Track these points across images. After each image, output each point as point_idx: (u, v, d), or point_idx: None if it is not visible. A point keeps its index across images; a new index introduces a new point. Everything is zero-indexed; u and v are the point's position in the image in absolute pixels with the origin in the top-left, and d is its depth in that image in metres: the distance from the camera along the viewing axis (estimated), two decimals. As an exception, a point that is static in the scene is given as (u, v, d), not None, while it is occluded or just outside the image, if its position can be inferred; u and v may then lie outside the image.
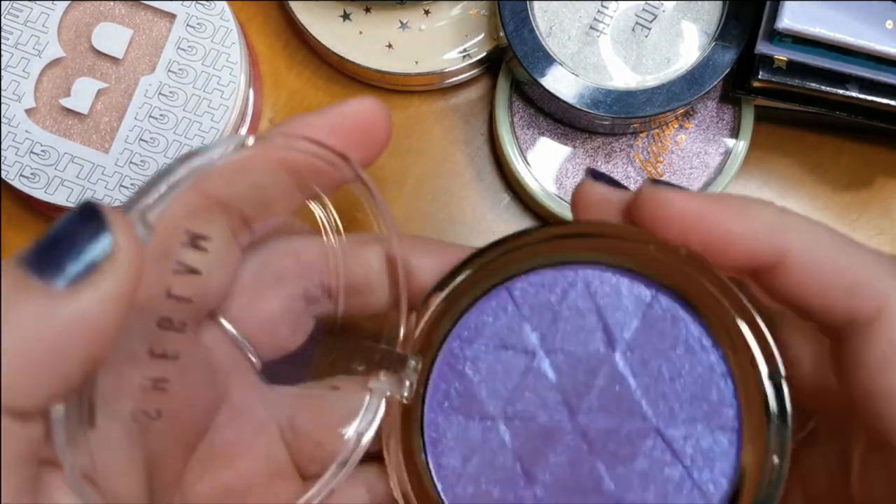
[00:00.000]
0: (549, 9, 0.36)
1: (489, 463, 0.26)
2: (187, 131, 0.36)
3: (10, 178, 0.35)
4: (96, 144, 0.36)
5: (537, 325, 0.27)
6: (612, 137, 0.38)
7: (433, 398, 0.27)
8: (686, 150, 0.38)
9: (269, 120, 0.40)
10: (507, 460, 0.26)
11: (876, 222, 0.40)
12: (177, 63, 0.36)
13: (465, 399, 0.27)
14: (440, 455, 0.27)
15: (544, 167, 0.38)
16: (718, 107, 0.38)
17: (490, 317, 0.27)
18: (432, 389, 0.27)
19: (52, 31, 0.36)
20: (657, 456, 0.25)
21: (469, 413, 0.27)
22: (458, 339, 0.27)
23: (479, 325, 0.27)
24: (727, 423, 0.25)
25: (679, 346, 0.26)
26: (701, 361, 0.26)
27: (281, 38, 0.40)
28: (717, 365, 0.25)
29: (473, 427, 0.27)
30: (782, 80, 0.34)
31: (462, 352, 0.27)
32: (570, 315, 0.27)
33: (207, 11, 0.36)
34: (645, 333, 0.26)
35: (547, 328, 0.27)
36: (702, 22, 0.36)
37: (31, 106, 0.36)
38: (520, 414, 0.27)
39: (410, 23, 0.38)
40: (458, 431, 0.27)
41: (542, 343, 0.27)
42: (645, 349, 0.26)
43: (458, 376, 0.27)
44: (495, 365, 0.27)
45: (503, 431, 0.27)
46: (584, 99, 0.35)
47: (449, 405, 0.27)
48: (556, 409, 0.26)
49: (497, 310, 0.27)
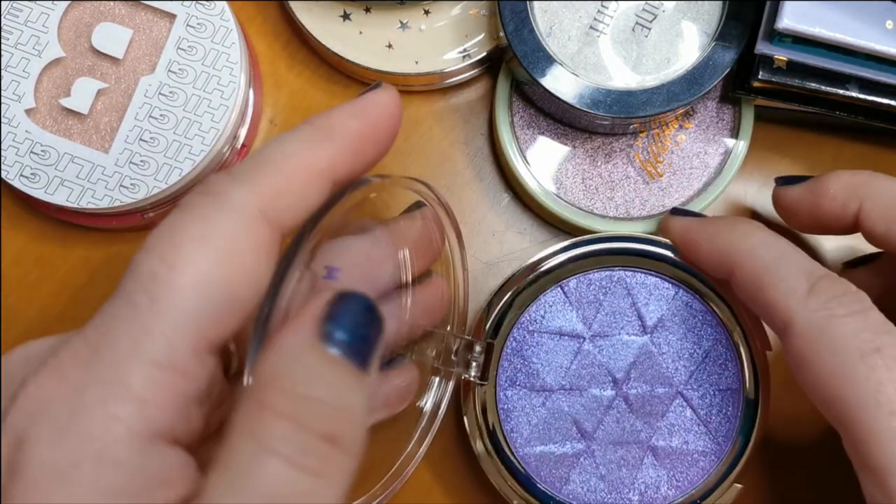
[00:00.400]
0: (549, 9, 0.36)
1: (551, 425, 0.34)
2: (187, 131, 0.36)
3: (10, 178, 0.35)
4: (96, 144, 0.36)
5: (585, 316, 0.35)
6: (612, 137, 0.38)
7: (503, 376, 0.35)
8: (686, 150, 0.38)
9: (269, 120, 0.40)
10: (566, 423, 0.34)
11: (876, 222, 0.40)
12: (177, 63, 0.36)
13: (529, 376, 0.35)
14: (511, 421, 0.34)
15: (544, 167, 0.38)
16: (718, 107, 0.38)
17: (547, 310, 0.35)
18: (502, 370, 0.35)
19: (52, 31, 0.36)
20: (680, 411, 0.34)
21: (533, 387, 0.35)
22: (520, 328, 0.35)
23: (538, 318, 0.35)
24: (731, 384, 0.34)
25: (695, 328, 0.35)
26: (710, 339, 0.35)
27: (281, 38, 0.40)
28: (721, 341, 0.34)
29: (536, 398, 0.35)
30: (782, 80, 0.34)
31: (525, 338, 0.35)
32: (611, 307, 0.35)
33: (207, 11, 0.36)
34: (670, 320, 0.35)
35: (593, 317, 0.35)
36: (702, 22, 0.36)
37: (31, 106, 0.36)
38: (574, 385, 0.35)
39: (410, 23, 0.38)
40: (525, 402, 0.35)
41: (589, 329, 0.35)
42: (670, 331, 0.35)
43: (522, 359, 0.35)
44: (552, 348, 0.35)
45: (561, 400, 0.34)
46: (584, 99, 0.35)
47: (516, 381, 0.35)
48: (603, 381, 0.35)
49: (553, 304, 0.35)
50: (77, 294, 0.39)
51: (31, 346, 0.24)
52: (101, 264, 0.39)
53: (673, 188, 0.37)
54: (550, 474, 0.34)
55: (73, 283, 0.39)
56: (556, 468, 0.34)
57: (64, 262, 0.39)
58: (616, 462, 0.34)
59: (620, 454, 0.34)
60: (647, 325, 0.35)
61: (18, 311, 0.39)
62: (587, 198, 0.37)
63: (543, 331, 0.35)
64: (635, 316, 0.35)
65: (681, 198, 0.37)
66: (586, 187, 0.38)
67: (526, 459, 0.34)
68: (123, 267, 0.39)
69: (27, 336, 0.38)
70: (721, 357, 0.34)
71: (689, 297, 0.35)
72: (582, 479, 0.34)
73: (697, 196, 0.37)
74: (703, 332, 0.35)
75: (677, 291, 0.35)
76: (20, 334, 0.38)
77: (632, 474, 0.34)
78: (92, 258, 0.39)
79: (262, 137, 0.40)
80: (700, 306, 0.35)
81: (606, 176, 0.38)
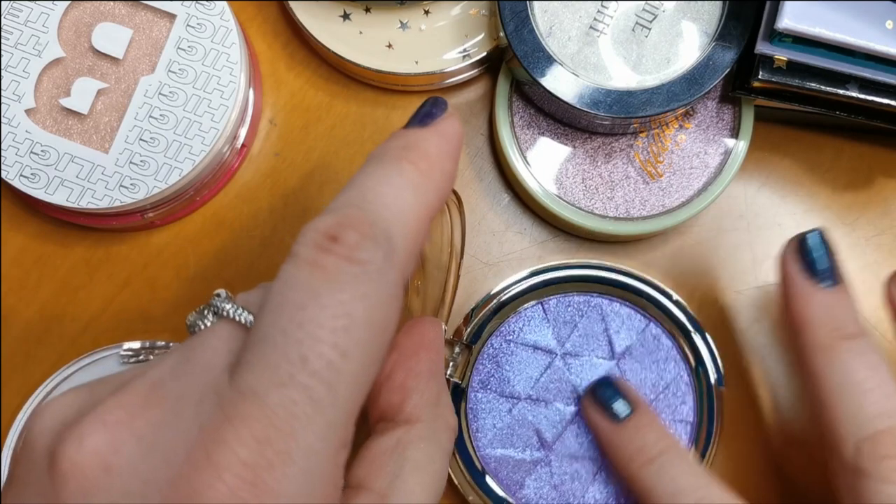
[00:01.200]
0: (549, 9, 0.36)
1: (513, 431, 0.36)
2: (187, 131, 0.36)
3: (10, 178, 0.35)
4: (96, 144, 0.36)
5: (560, 334, 0.37)
6: (612, 137, 0.38)
7: (476, 379, 0.37)
8: (686, 150, 0.38)
9: (269, 120, 0.40)
10: (528, 431, 0.36)
11: (876, 222, 0.40)
12: (177, 63, 0.36)
13: (501, 382, 0.37)
14: (478, 421, 0.36)
15: (544, 167, 0.38)
16: (718, 107, 0.38)
17: (526, 323, 0.37)
18: (476, 372, 0.37)
19: (52, 31, 0.36)
20: None
21: (502, 393, 0.37)
22: (499, 337, 0.37)
23: (517, 329, 0.37)
24: (685, 417, 0.37)
25: (659, 361, 0.37)
26: (673, 372, 0.37)
27: (281, 38, 0.40)
28: (682, 376, 0.37)
29: (504, 404, 0.37)
30: (782, 80, 0.34)
31: (501, 347, 0.37)
32: (585, 329, 0.37)
33: (207, 11, 0.36)
34: (637, 350, 0.37)
35: (567, 337, 0.37)
36: (702, 22, 0.36)
37: (31, 106, 0.36)
38: (541, 396, 0.37)
39: (410, 23, 0.38)
40: (493, 406, 0.37)
41: (562, 347, 0.37)
42: (636, 360, 0.37)
43: (496, 365, 0.37)
44: (525, 359, 0.37)
45: (526, 409, 0.36)
46: (584, 99, 0.35)
47: (488, 385, 0.37)
48: (567, 397, 0.37)
49: (532, 319, 0.37)
50: (77, 294, 0.39)
51: (59, 406, 0.22)
52: (101, 264, 0.39)
53: (673, 188, 0.37)
54: (507, 477, 0.36)
55: (73, 283, 0.39)
56: (513, 472, 0.36)
57: (64, 262, 0.39)
58: (570, 474, 0.36)
59: (575, 468, 0.36)
60: (615, 351, 0.37)
61: (18, 311, 0.39)
62: (587, 198, 0.37)
63: (520, 342, 0.37)
64: (606, 341, 0.37)
65: (681, 198, 0.37)
66: (586, 187, 0.38)
67: (486, 459, 0.36)
68: (124, 267, 0.39)
69: (27, 336, 0.38)
70: (680, 391, 0.36)
71: (659, 331, 0.37)
72: (536, 486, 0.36)
73: (697, 196, 0.37)
74: (668, 365, 0.37)
75: (648, 324, 0.37)
76: (20, 334, 0.38)
77: (583, 487, 0.36)
78: (92, 258, 0.39)
79: (262, 137, 0.40)
80: (668, 342, 0.37)
81: (606, 176, 0.38)
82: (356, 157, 0.40)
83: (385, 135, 0.39)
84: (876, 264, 0.39)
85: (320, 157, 0.40)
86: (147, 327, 0.39)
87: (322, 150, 0.40)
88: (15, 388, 0.38)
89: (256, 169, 0.39)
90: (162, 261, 0.39)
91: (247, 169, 0.39)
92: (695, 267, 0.39)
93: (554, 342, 0.37)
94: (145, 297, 0.39)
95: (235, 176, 0.39)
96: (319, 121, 0.40)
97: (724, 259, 0.39)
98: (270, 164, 0.39)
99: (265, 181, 0.39)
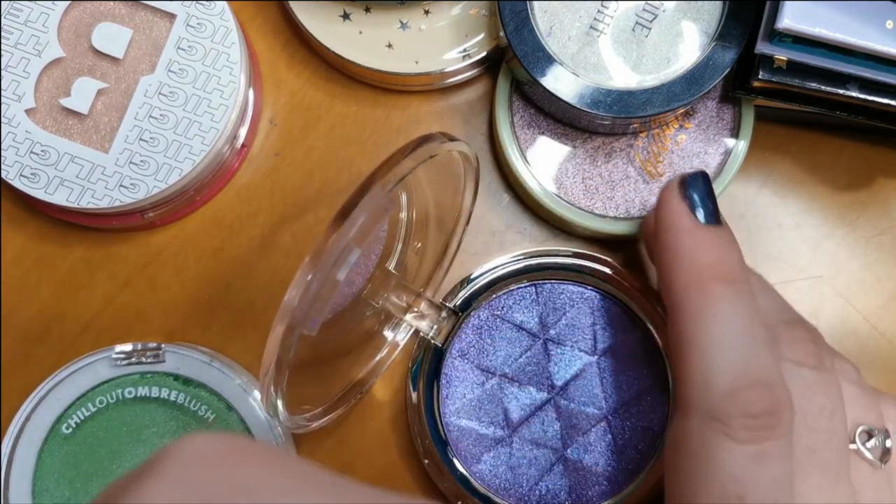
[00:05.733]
0: (549, 9, 0.36)
1: (482, 405, 0.36)
2: (187, 131, 0.36)
3: (10, 178, 0.35)
4: (96, 144, 0.36)
5: (547, 319, 0.37)
6: (612, 137, 0.38)
7: (456, 346, 0.37)
8: (686, 150, 0.38)
9: (269, 120, 0.40)
10: (497, 408, 0.36)
11: (876, 222, 0.40)
12: (177, 63, 0.36)
13: (480, 353, 0.37)
14: (449, 387, 0.37)
15: (544, 167, 0.38)
16: (718, 107, 0.38)
17: (516, 301, 0.37)
18: (458, 340, 0.37)
19: (52, 31, 0.36)
20: (601, 434, 0.36)
21: (479, 365, 0.37)
22: (487, 309, 0.37)
23: (506, 305, 0.37)
24: (654, 426, 0.36)
25: (638, 365, 0.36)
26: (649, 379, 0.36)
27: (281, 38, 0.40)
28: (657, 385, 0.36)
29: (478, 376, 0.37)
30: (782, 80, 0.34)
31: (487, 319, 0.37)
32: (572, 319, 0.37)
33: (207, 11, 0.36)
34: (620, 350, 0.36)
35: (554, 323, 0.37)
36: (702, 22, 0.36)
37: (31, 106, 0.36)
38: (515, 376, 0.37)
39: (410, 23, 0.38)
40: (467, 376, 0.37)
41: (546, 333, 0.37)
42: (617, 360, 0.36)
43: (478, 336, 0.37)
44: (508, 337, 0.37)
45: (497, 386, 0.37)
46: (584, 99, 0.35)
47: (466, 355, 0.37)
48: (542, 383, 0.37)
49: (522, 298, 0.37)
50: (77, 294, 0.39)
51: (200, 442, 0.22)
52: (101, 264, 0.39)
53: (673, 188, 0.37)
54: (466, 449, 0.36)
55: (73, 283, 0.39)
56: (473, 446, 0.36)
57: (64, 262, 0.39)
58: (528, 460, 0.36)
59: (535, 454, 0.36)
60: (598, 347, 0.36)
61: (18, 311, 0.39)
62: (587, 198, 0.37)
63: (506, 318, 0.37)
64: (591, 335, 0.37)
65: (681, 198, 0.37)
66: (586, 187, 0.38)
67: (449, 427, 0.36)
68: (124, 266, 0.39)
69: (27, 336, 0.38)
70: (654, 399, 0.36)
71: (644, 336, 0.36)
72: (493, 464, 0.36)
73: (697, 196, 0.37)
74: (646, 371, 0.36)
75: (635, 328, 0.36)
76: (20, 334, 0.38)
77: (538, 475, 0.36)
78: (92, 258, 0.39)
79: (262, 137, 0.40)
80: (651, 347, 0.36)
81: (606, 176, 0.38)
82: (356, 157, 0.40)
83: (385, 135, 0.40)
84: (876, 264, 0.39)
85: (320, 157, 0.40)
86: (147, 327, 0.39)
87: (322, 150, 0.40)
88: (15, 389, 0.38)
89: (256, 169, 0.39)
90: (162, 261, 0.39)
91: (247, 169, 0.39)
92: (695, 267, 0.39)
93: (539, 326, 0.37)
94: (145, 297, 0.39)
95: (235, 176, 0.39)
96: (319, 121, 0.40)
97: (724, 259, 0.39)
98: (270, 164, 0.39)
99: (265, 181, 0.39)
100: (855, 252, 0.39)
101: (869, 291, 0.39)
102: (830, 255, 0.39)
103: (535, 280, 0.37)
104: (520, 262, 0.37)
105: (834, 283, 0.39)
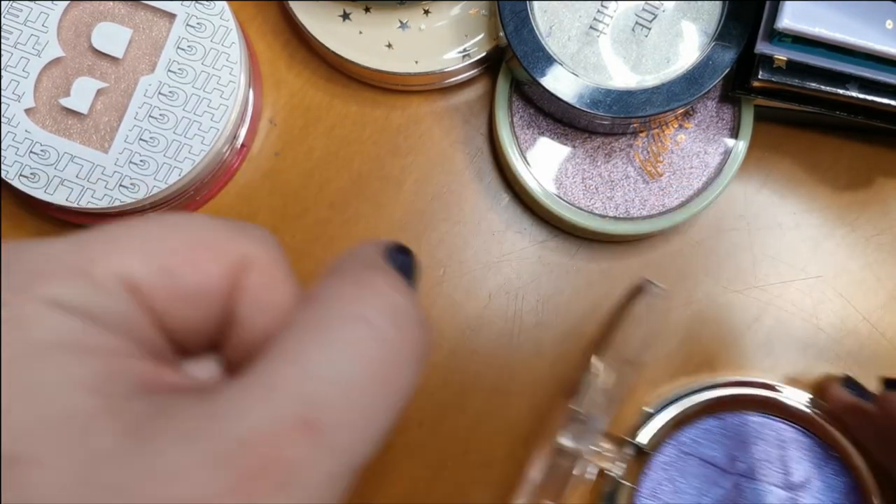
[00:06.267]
0: (549, 9, 0.36)
1: None
2: (187, 131, 0.36)
3: (10, 178, 0.35)
4: (96, 144, 0.36)
5: (734, 453, 0.36)
6: (611, 137, 0.38)
7: (647, 485, 0.36)
8: (686, 150, 0.38)
9: (268, 120, 0.40)
10: None
11: (875, 222, 0.40)
12: (177, 63, 0.36)
13: (672, 495, 0.36)
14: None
15: (544, 167, 0.38)
16: (718, 107, 0.38)
17: (701, 435, 0.36)
18: (648, 479, 0.36)
19: (52, 30, 0.36)
20: None
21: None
22: (674, 446, 0.36)
23: (691, 441, 0.36)
24: None
25: (837, 498, 0.35)
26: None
27: (281, 38, 0.40)
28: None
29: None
30: (782, 80, 0.34)
31: (677, 457, 0.36)
32: (761, 451, 0.36)
33: (207, 11, 0.36)
34: (814, 484, 0.35)
35: (741, 456, 0.36)
36: (702, 22, 0.36)
37: (30, 106, 0.36)
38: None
39: (410, 23, 0.38)
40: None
41: (734, 467, 0.36)
42: (815, 494, 0.35)
43: (667, 476, 0.36)
44: (697, 474, 0.36)
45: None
46: (584, 99, 0.35)
47: (656, 494, 0.36)
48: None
49: (710, 433, 0.36)
50: (77, 294, 0.39)
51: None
52: (101, 264, 0.39)
53: (673, 188, 0.37)
54: None
55: (72, 283, 0.39)
56: None
57: (64, 262, 0.39)
58: None
59: None
60: (792, 482, 0.36)
61: (18, 311, 0.38)
62: (587, 198, 0.37)
63: (695, 454, 0.36)
64: (782, 468, 0.36)
65: (680, 198, 0.37)
66: (586, 187, 0.38)
67: None
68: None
69: (27, 336, 0.38)
70: None
71: (839, 467, 0.35)
72: None
73: (697, 196, 0.37)
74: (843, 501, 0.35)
75: (828, 460, 0.35)
76: (20, 334, 0.38)
77: None
78: (92, 258, 0.39)
79: (262, 137, 0.40)
80: (848, 478, 0.35)
81: (606, 176, 0.38)
82: (356, 156, 0.40)
83: (385, 135, 0.40)
84: (876, 264, 0.39)
85: (320, 157, 0.40)
86: (147, 327, 0.38)
87: (322, 150, 0.40)
88: (15, 388, 0.38)
89: (256, 169, 0.39)
90: (162, 261, 0.39)
91: (247, 169, 0.39)
92: (695, 267, 0.39)
93: (727, 460, 0.36)
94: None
95: (235, 176, 0.39)
96: (319, 121, 0.40)
97: (724, 259, 0.39)
98: (270, 163, 0.39)
99: (265, 181, 0.39)
100: (855, 252, 0.39)
101: (869, 291, 0.39)
102: (830, 255, 0.39)
103: (714, 412, 0.36)
104: (704, 392, 0.36)
105: (834, 283, 0.39)
